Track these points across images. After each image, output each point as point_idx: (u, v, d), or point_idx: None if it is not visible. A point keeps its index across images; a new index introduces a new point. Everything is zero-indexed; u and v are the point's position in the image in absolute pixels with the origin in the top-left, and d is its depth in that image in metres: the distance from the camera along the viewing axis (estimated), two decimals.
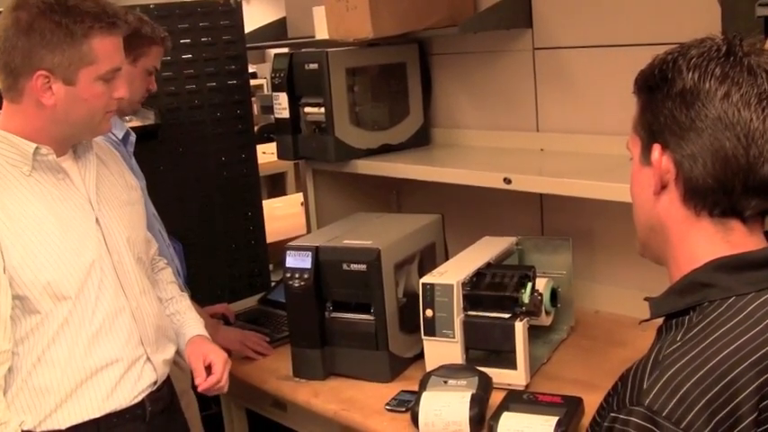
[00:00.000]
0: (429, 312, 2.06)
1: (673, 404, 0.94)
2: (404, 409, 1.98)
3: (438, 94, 2.88)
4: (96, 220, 1.74)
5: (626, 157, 1.18)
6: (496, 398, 1.91)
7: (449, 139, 2.85)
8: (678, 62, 1.05)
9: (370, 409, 2.03)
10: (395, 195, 3.07)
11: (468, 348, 2.06)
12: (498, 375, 2.01)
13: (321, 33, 2.70)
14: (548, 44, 2.53)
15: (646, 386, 0.96)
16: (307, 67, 2.60)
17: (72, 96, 1.64)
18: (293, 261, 2.18)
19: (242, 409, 2.56)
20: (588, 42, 2.42)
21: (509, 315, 2.02)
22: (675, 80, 1.05)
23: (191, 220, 2.94)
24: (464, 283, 2.07)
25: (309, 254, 2.17)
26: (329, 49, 2.59)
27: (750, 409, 0.94)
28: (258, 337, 2.43)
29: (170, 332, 1.92)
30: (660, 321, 1.11)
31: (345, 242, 2.21)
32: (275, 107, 2.69)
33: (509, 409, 1.82)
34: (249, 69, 3.45)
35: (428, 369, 2.04)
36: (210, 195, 3.00)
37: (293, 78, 2.63)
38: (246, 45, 3.06)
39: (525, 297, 2.06)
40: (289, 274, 2.18)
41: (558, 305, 2.27)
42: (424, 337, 2.09)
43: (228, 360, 1.95)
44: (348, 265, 2.14)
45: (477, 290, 2.08)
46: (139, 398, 1.79)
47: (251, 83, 3.69)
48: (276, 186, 6.08)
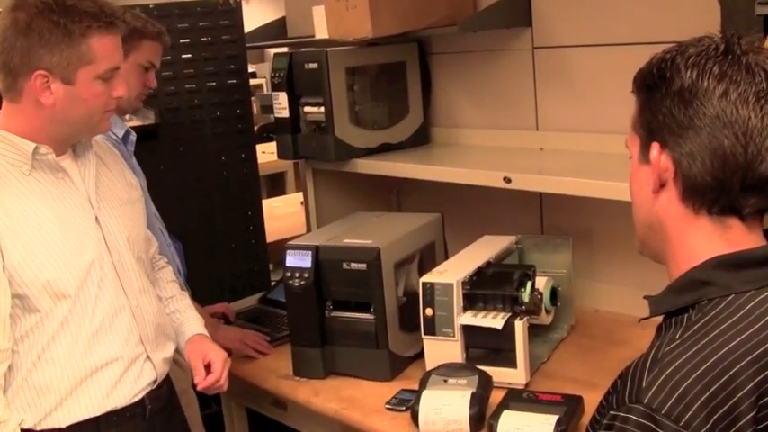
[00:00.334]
0: (429, 311, 2.06)
1: (672, 402, 0.94)
2: (404, 408, 1.98)
3: (438, 94, 2.88)
4: (96, 218, 1.74)
5: (626, 155, 1.18)
6: (496, 396, 1.91)
7: (448, 139, 2.85)
8: (676, 61, 1.05)
9: (370, 407, 2.03)
10: (395, 194, 3.07)
11: (468, 347, 2.06)
12: (498, 374, 2.01)
13: (321, 33, 2.70)
14: (547, 43, 2.53)
15: (645, 384, 0.97)
16: (306, 66, 2.60)
17: (71, 96, 1.64)
18: (293, 260, 2.18)
19: (242, 407, 2.56)
20: (588, 41, 2.42)
21: (509, 314, 2.02)
22: (674, 79, 1.05)
23: (191, 220, 2.94)
24: (464, 282, 2.07)
25: (309, 253, 2.17)
26: (329, 49, 2.59)
27: (749, 407, 0.94)
28: (258, 336, 2.43)
29: (169, 330, 1.92)
30: (660, 319, 1.11)
31: (345, 241, 2.21)
32: (275, 107, 2.69)
33: (509, 408, 1.82)
34: (249, 69, 3.45)
35: (428, 368, 2.05)
36: (210, 195, 3.00)
37: (293, 78, 2.63)
38: (246, 45, 3.06)
39: (525, 296, 2.06)
40: (289, 274, 2.18)
41: (558, 304, 2.27)
42: (423, 336, 2.09)
43: (228, 359, 1.95)
44: (348, 265, 2.14)
45: (477, 289, 2.08)
46: (139, 396, 1.79)
47: (250, 82, 3.70)
48: (276, 186, 6.09)
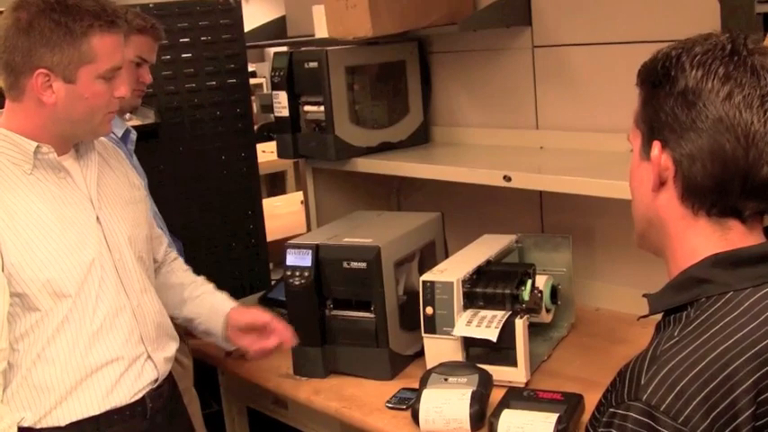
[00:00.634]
0: (429, 310, 2.06)
1: (671, 399, 0.94)
2: (404, 407, 1.98)
3: (437, 93, 2.88)
4: (97, 218, 1.75)
5: (626, 154, 1.18)
6: (497, 395, 1.91)
7: (448, 138, 2.86)
8: (682, 59, 1.04)
9: (370, 406, 2.03)
10: (395, 193, 3.07)
11: (469, 346, 2.06)
12: (498, 372, 2.01)
13: (321, 32, 2.70)
14: (547, 42, 2.53)
15: (644, 381, 0.97)
16: (306, 65, 2.60)
17: (72, 95, 1.65)
18: (293, 259, 2.18)
19: (243, 407, 2.57)
20: (587, 40, 2.42)
21: (507, 315, 2.02)
22: (678, 78, 1.04)
23: (191, 219, 2.94)
24: (464, 281, 2.07)
25: (309, 252, 2.17)
26: (329, 48, 2.59)
27: (748, 404, 0.94)
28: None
29: (171, 330, 1.93)
30: (659, 317, 1.11)
31: (345, 240, 2.21)
32: (275, 106, 2.69)
33: (509, 406, 1.82)
34: (249, 68, 3.45)
35: (428, 366, 2.05)
36: (210, 194, 3.00)
37: (293, 77, 2.63)
38: (246, 44, 3.06)
39: (525, 294, 2.07)
40: (289, 273, 2.18)
41: (559, 302, 2.27)
42: (424, 335, 2.09)
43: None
44: (348, 263, 2.14)
45: (478, 287, 2.08)
46: (140, 395, 1.79)
47: (250, 81, 3.70)
48: (276, 185, 6.09)
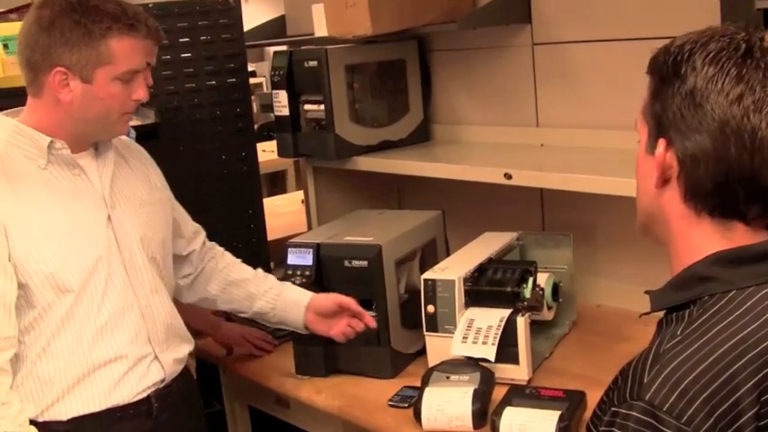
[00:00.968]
0: (431, 308, 2.06)
1: (674, 398, 0.93)
2: (406, 405, 1.98)
3: (437, 91, 2.88)
4: (108, 217, 1.76)
5: (627, 151, 1.18)
6: (499, 393, 1.91)
7: (449, 136, 2.85)
8: (694, 56, 1.02)
9: (372, 405, 2.03)
10: (395, 192, 3.07)
11: None
12: (500, 370, 2.01)
13: (320, 31, 2.70)
14: (547, 39, 2.53)
15: (646, 380, 0.96)
16: (306, 64, 2.60)
17: (88, 94, 1.67)
18: (294, 258, 2.18)
19: (245, 406, 2.56)
20: (587, 37, 2.42)
21: (511, 310, 2.02)
22: (688, 76, 1.02)
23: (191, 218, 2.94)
24: (465, 279, 2.07)
25: (311, 251, 2.17)
26: (328, 47, 2.59)
27: (751, 404, 0.93)
28: (260, 333, 2.43)
29: (183, 331, 1.93)
30: (661, 314, 1.10)
31: (346, 239, 2.21)
32: (275, 105, 2.69)
33: (512, 404, 1.82)
34: (248, 68, 3.45)
35: (430, 365, 2.05)
36: (211, 194, 3.00)
37: (293, 76, 2.63)
38: (246, 43, 3.06)
39: (527, 292, 2.06)
40: (290, 272, 2.17)
41: (560, 300, 2.27)
42: (425, 333, 2.09)
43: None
44: (349, 262, 2.14)
45: (479, 285, 2.08)
46: (144, 394, 1.79)
47: (250, 81, 3.69)
48: (276, 184, 6.08)
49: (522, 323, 2.00)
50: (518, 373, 2.02)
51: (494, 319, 2.00)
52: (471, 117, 2.80)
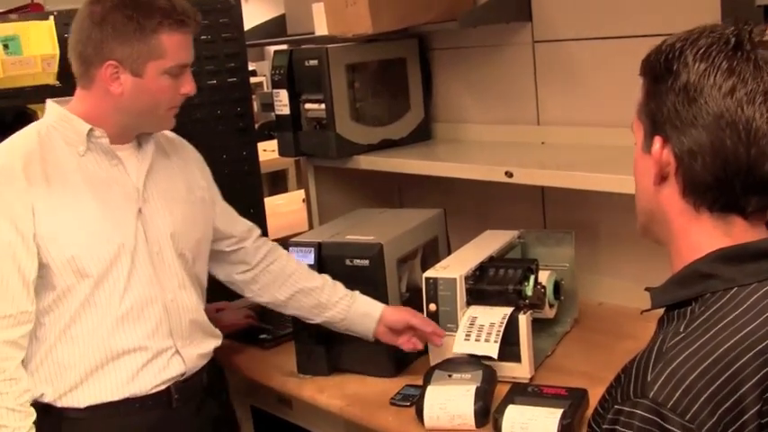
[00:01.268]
0: (432, 307, 2.06)
1: (678, 396, 0.93)
2: (408, 404, 1.98)
3: (438, 89, 2.88)
4: (139, 210, 1.78)
5: (628, 148, 1.18)
6: (501, 391, 1.91)
7: (450, 134, 2.85)
8: (685, 53, 1.03)
9: (374, 404, 2.03)
10: (396, 191, 3.07)
11: None
12: (502, 368, 2.01)
13: (320, 29, 2.70)
14: (547, 37, 2.52)
15: (650, 378, 0.96)
16: (307, 63, 2.60)
17: (138, 87, 1.72)
18: (296, 257, 2.18)
19: (247, 405, 2.56)
20: (588, 35, 2.41)
21: (512, 308, 2.02)
22: (680, 73, 1.03)
23: None
24: (467, 277, 2.07)
25: (312, 250, 2.17)
26: (329, 46, 2.59)
27: (754, 401, 0.94)
28: (244, 311, 2.47)
29: (209, 327, 1.94)
30: (661, 312, 1.10)
31: (348, 238, 2.21)
32: (276, 104, 2.69)
33: (514, 402, 1.82)
34: (249, 67, 3.45)
35: (432, 363, 2.05)
36: None
37: (293, 75, 2.63)
38: (246, 42, 3.06)
39: (528, 290, 2.06)
40: None
41: (562, 298, 2.27)
42: None
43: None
44: (351, 261, 2.14)
45: (480, 283, 2.08)
46: (163, 386, 1.81)
47: (251, 80, 3.69)
48: (277, 183, 6.08)
49: (524, 321, 2.00)
50: (520, 371, 2.02)
51: (496, 317, 2.00)
52: (472, 115, 2.80)
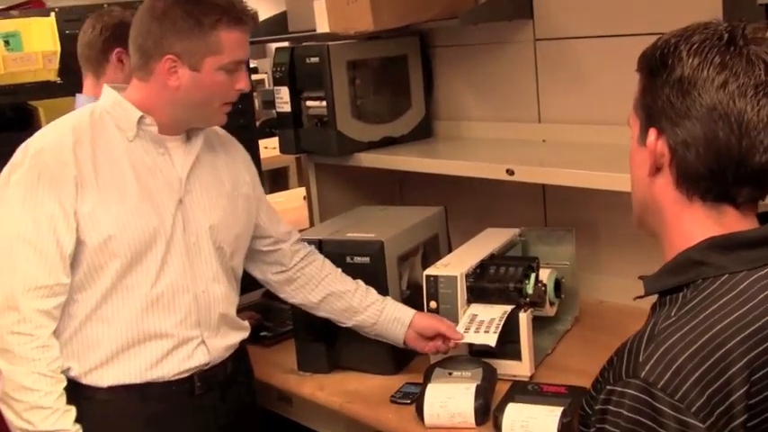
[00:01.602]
0: (433, 304, 2.06)
1: (668, 376, 0.96)
2: (409, 402, 1.98)
3: (439, 87, 2.88)
4: (180, 200, 1.81)
5: (628, 147, 1.19)
6: (501, 389, 1.91)
7: (451, 132, 2.85)
8: (679, 47, 1.06)
9: (375, 401, 2.03)
10: (397, 188, 3.07)
11: None
12: (503, 366, 2.01)
13: (322, 27, 2.69)
14: (549, 35, 2.52)
15: (642, 359, 0.99)
16: (308, 60, 2.59)
17: (195, 82, 1.75)
18: None
19: None
20: (590, 32, 2.41)
21: (513, 306, 2.02)
22: (675, 67, 1.06)
23: None
24: (468, 275, 2.07)
25: (313, 247, 2.16)
26: (330, 43, 2.58)
27: (741, 382, 0.96)
28: None
29: (237, 322, 1.96)
30: (654, 299, 1.13)
31: (348, 235, 2.21)
32: (277, 101, 2.69)
33: (514, 400, 1.82)
34: (250, 64, 3.44)
35: (432, 361, 2.05)
36: None
37: (294, 72, 2.63)
38: None
39: (529, 288, 2.06)
40: None
41: (562, 296, 2.27)
42: None
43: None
44: (351, 258, 2.14)
45: (481, 281, 2.08)
46: (186, 374, 1.83)
47: (252, 78, 3.69)
48: (278, 181, 6.08)
49: (525, 319, 2.00)
50: (520, 369, 2.02)
51: (496, 313, 2.01)
52: (473, 113, 2.80)
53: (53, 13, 3.01)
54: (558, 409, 1.74)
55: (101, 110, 1.80)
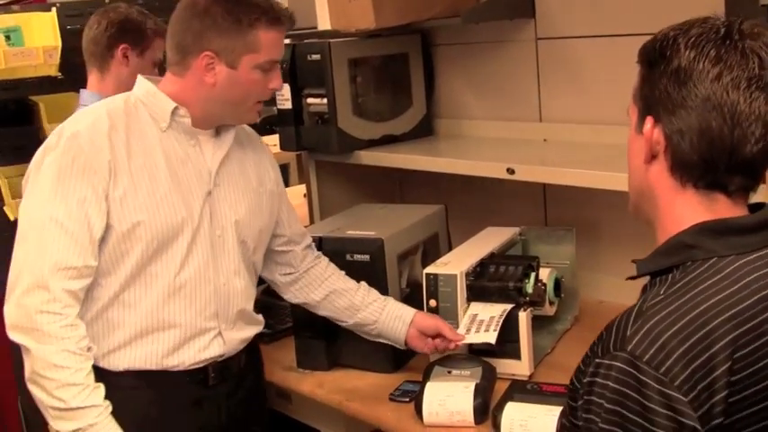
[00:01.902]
0: (433, 303, 2.06)
1: (653, 351, 1.00)
2: (408, 400, 1.98)
3: (441, 85, 2.88)
4: (209, 192, 1.83)
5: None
6: (500, 388, 1.91)
7: (452, 130, 2.85)
8: (678, 40, 1.10)
9: (374, 399, 2.03)
10: (398, 186, 3.07)
11: None
12: (502, 365, 2.01)
13: (323, 24, 2.69)
14: (550, 34, 2.52)
15: (629, 334, 1.03)
16: (309, 57, 2.59)
17: (231, 79, 1.78)
18: None
19: None
20: (591, 32, 2.41)
21: (513, 305, 2.02)
22: (672, 58, 1.10)
23: None
24: (467, 274, 2.07)
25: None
26: (332, 40, 2.58)
27: (724, 359, 1.00)
28: None
29: (253, 317, 1.98)
30: (646, 281, 1.17)
31: (349, 233, 2.21)
32: (278, 98, 2.68)
33: (513, 399, 1.82)
34: None
35: (432, 359, 2.05)
36: None
37: (296, 69, 2.62)
38: None
39: (529, 287, 2.06)
40: None
41: (562, 295, 2.26)
42: None
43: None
44: (351, 256, 2.14)
45: (481, 280, 2.08)
46: (201, 365, 1.85)
47: None
48: None
49: (524, 318, 2.00)
50: (520, 368, 2.02)
51: (496, 312, 2.01)
52: (474, 112, 2.80)
53: (54, 9, 3.01)
54: (557, 409, 1.74)
55: (135, 98, 1.82)
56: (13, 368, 3.24)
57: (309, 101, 2.64)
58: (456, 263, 2.10)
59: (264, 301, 2.71)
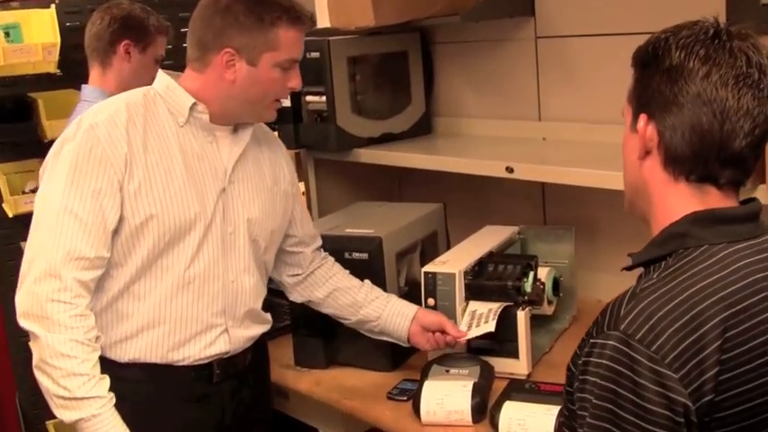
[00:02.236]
0: (431, 301, 2.06)
1: (645, 330, 1.06)
2: (405, 398, 1.98)
3: (440, 83, 2.87)
4: (223, 189, 1.83)
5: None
6: (498, 387, 1.92)
7: (451, 128, 2.85)
8: (669, 41, 1.16)
9: (371, 397, 2.03)
10: (396, 184, 3.07)
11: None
12: (500, 364, 2.01)
13: (323, 22, 2.69)
14: (550, 33, 2.52)
15: (623, 314, 1.10)
16: (308, 55, 2.58)
17: (251, 76, 1.79)
18: None
19: None
20: (591, 31, 2.41)
21: (511, 304, 2.02)
22: (664, 58, 1.16)
23: None
24: (466, 272, 2.07)
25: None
26: (331, 38, 2.58)
27: (715, 338, 1.06)
28: None
29: (261, 315, 1.98)
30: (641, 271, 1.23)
31: (347, 231, 2.21)
32: None
33: (511, 398, 1.82)
34: None
35: (430, 358, 2.05)
36: None
37: None
38: None
39: (527, 286, 2.06)
40: None
41: (561, 294, 2.27)
42: None
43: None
44: (350, 254, 2.14)
45: (479, 279, 2.08)
46: (206, 361, 1.86)
47: None
48: None
49: (523, 317, 2.00)
50: (518, 367, 2.02)
51: (494, 307, 2.01)
52: (473, 110, 2.80)
53: (53, 5, 3.01)
54: (555, 408, 1.74)
55: (154, 92, 1.83)
56: (11, 365, 3.24)
57: (308, 99, 2.63)
58: (454, 261, 2.10)
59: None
